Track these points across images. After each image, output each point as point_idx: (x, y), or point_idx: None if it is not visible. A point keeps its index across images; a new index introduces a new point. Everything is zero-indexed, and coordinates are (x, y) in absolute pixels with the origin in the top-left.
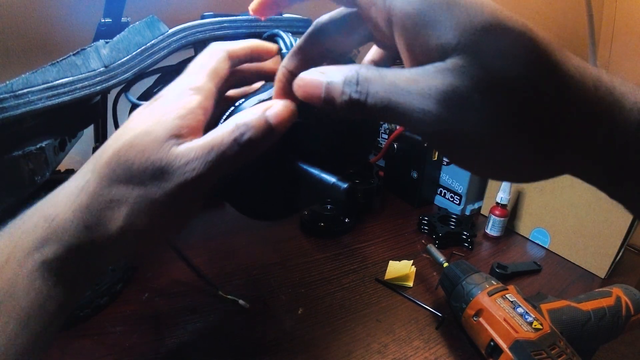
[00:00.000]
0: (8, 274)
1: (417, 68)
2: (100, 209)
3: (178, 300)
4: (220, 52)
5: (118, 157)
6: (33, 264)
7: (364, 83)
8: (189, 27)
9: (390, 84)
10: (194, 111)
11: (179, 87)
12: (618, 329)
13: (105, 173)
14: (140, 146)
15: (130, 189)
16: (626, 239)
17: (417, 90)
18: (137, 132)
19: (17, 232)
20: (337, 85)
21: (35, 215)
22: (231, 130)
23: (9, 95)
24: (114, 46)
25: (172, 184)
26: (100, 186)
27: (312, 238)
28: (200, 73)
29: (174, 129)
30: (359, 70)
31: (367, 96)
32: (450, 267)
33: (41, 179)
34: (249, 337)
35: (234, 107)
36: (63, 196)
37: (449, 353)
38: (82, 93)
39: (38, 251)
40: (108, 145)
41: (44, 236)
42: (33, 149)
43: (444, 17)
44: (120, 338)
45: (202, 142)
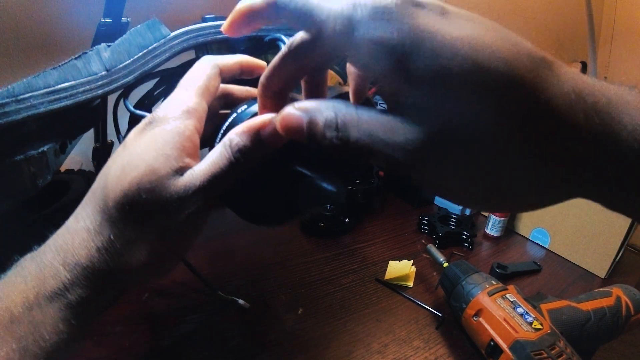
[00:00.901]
0: (31, 320)
1: (393, 117)
2: (120, 251)
3: (178, 301)
4: (211, 68)
5: (128, 200)
6: (56, 308)
7: (343, 129)
8: (190, 31)
9: (370, 134)
10: (190, 138)
11: (173, 110)
12: (618, 329)
13: (117, 217)
14: (148, 186)
15: (148, 228)
16: (626, 239)
17: (396, 143)
18: (143, 170)
19: (36, 275)
20: (318, 126)
21: (55, 260)
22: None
23: (11, 99)
24: (116, 49)
25: (183, 214)
26: (117, 229)
27: (312, 238)
28: (191, 90)
29: (177, 161)
30: (337, 113)
31: (349, 142)
32: (450, 267)
33: (42, 182)
34: (249, 337)
35: (235, 113)
36: (79, 241)
37: (449, 353)
38: (83, 97)
39: (62, 296)
40: (113, 184)
41: (67, 283)
42: (35, 153)
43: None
44: (120, 338)
45: (203, 169)
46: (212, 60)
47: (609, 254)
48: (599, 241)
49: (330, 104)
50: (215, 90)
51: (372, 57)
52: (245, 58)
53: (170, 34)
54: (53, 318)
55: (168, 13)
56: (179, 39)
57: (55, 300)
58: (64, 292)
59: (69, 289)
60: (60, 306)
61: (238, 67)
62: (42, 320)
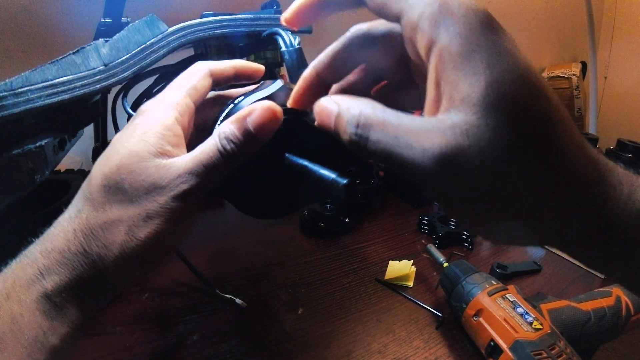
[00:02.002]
0: (9, 311)
1: (425, 120)
2: (97, 232)
3: (178, 300)
4: (201, 70)
5: (108, 180)
6: (33, 297)
7: (365, 127)
8: (188, 26)
9: (393, 136)
10: (171, 127)
11: (157, 104)
12: (618, 329)
13: (96, 197)
14: (128, 167)
15: (125, 208)
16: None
17: (419, 148)
18: (123, 153)
19: (17, 268)
20: (343, 120)
21: (34, 250)
22: (214, 142)
23: (9, 93)
24: (114, 45)
25: (165, 197)
26: (94, 210)
27: (312, 238)
28: (178, 89)
29: (157, 146)
30: (363, 110)
31: (368, 141)
32: (450, 267)
33: (40, 178)
34: (249, 337)
35: (232, 104)
36: (59, 228)
37: (449, 353)
38: (81, 91)
39: (38, 284)
40: (96, 170)
41: (42, 268)
42: (33, 148)
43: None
44: (120, 338)
45: (192, 156)
46: (203, 64)
47: None
48: None
49: (360, 102)
50: (204, 89)
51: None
52: (240, 62)
53: (168, 29)
54: (30, 309)
55: (168, 12)
56: (176, 34)
57: (32, 288)
58: (39, 279)
59: (45, 276)
60: (37, 295)
61: (232, 71)
62: (19, 312)
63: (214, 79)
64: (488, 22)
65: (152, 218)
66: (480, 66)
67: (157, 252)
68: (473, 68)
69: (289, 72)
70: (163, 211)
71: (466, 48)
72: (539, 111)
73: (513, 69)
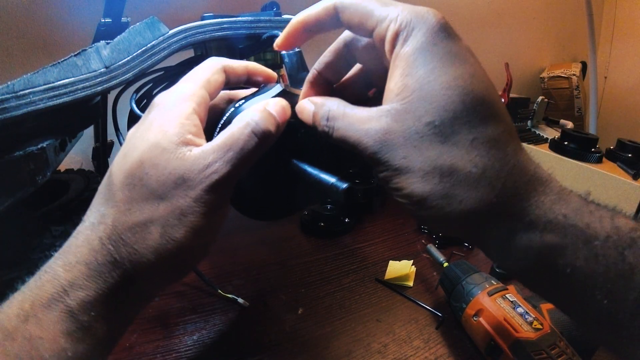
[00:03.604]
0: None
1: (372, 110)
2: (126, 236)
3: (178, 300)
4: (215, 64)
5: (132, 178)
6: (55, 318)
7: (331, 120)
8: (189, 28)
9: (348, 124)
10: (190, 117)
11: (172, 96)
12: None
13: (120, 198)
14: (151, 160)
15: (156, 205)
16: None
17: (365, 129)
18: (144, 147)
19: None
20: (318, 116)
21: (54, 265)
22: (244, 126)
23: (11, 95)
24: (115, 47)
25: (197, 190)
26: (120, 212)
27: (312, 238)
28: (192, 81)
29: (179, 135)
30: (331, 107)
31: (333, 130)
32: (450, 267)
33: (42, 179)
34: (249, 336)
35: (233, 107)
36: (81, 238)
37: (449, 353)
38: (83, 93)
39: (61, 302)
40: (116, 169)
41: (65, 284)
42: (34, 149)
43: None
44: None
45: (219, 143)
46: (217, 59)
47: None
48: None
49: (329, 100)
50: (218, 84)
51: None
52: (253, 64)
53: (169, 31)
54: (52, 331)
55: (168, 13)
56: (177, 36)
57: (53, 307)
58: (62, 297)
59: (68, 292)
60: (60, 315)
61: (244, 71)
62: (39, 335)
63: (227, 75)
64: (441, 34)
65: (186, 215)
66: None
67: (196, 251)
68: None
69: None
70: (197, 206)
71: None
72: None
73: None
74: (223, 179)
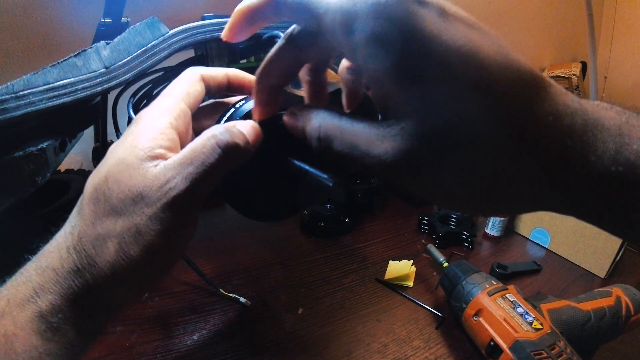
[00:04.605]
0: (2, 330)
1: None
2: (88, 248)
3: (178, 300)
4: (192, 76)
5: (97, 192)
6: (28, 317)
7: (325, 139)
8: (189, 29)
9: (351, 145)
10: (164, 131)
11: (150, 112)
12: (618, 329)
13: (87, 212)
14: (115, 176)
15: (114, 221)
16: (625, 240)
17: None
18: (112, 163)
19: (12, 286)
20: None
21: (29, 268)
22: (207, 138)
23: (10, 96)
24: (115, 47)
25: (154, 207)
26: (84, 225)
27: (312, 238)
28: (171, 96)
29: (147, 149)
30: (322, 122)
31: (332, 150)
32: (450, 267)
33: (42, 180)
34: (249, 336)
35: (234, 108)
36: (54, 245)
37: (449, 353)
38: (83, 94)
39: (33, 303)
40: (88, 183)
41: (37, 287)
42: (34, 150)
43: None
44: (120, 338)
45: (179, 157)
46: (195, 70)
47: (609, 254)
48: (599, 241)
49: (318, 113)
50: (198, 95)
51: (369, 55)
52: (234, 71)
53: (169, 31)
54: (25, 329)
55: (168, 13)
56: (177, 36)
57: (26, 307)
58: (34, 298)
59: (39, 295)
60: (32, 315)
61: (225, 78)
62: (13, 332)
63: (206, 84)
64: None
65: (141, 233)
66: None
67: (152, 272)
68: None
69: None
70: (152, 224)
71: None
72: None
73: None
74: (182, 195)
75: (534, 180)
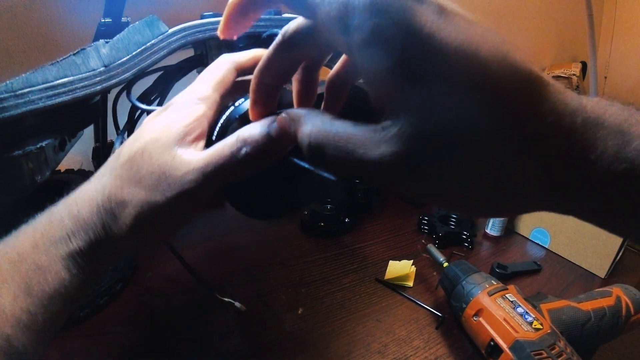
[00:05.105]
0: (37, 260)
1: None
2: (113, 208)
3: (178, 301)
4: (227, 64)
5: (131, 161)
6: (60, 254)
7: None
8: (188, 27)
9: (346, 150)
10: (198, 119)
11: (187, 96)
12: (618, 329)
13: (118, 175)
14: (149, 151)
15: (137, 191)
16: (626, 239)
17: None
18: (148, 138)
19: (46, 225)
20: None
21: (63, 211)
22: (231, 144)
23: (9, 94)
24: (114, 46)
25: (173, 191)
26: (115, 187)
27: (312, 238)
28: (207, 82)
29: (180, 135)
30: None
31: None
32: (450, 267)
33: (41, 179)
34: (249, 336)
35: (233, 106)
36: (85, 195)
37: (449, 353)
38: (82, 92)
39: (64, 244)
40: (124, 149)
41: (69, 231)
42: (33, 149)
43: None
44: (120, 338)
45: (203, 155)
46: (230, 57)
47: (609, 254)
48: (599, 241)
49: (310, 117)
50: (230, 83)
51: (365, 53)
52: (259, 52)
53: (168, 30)
54: (56, 263)
55: (167, 12)
56: (176, 35)
57: (59, 246)
58: (67, 240)
59: (71, 239)
60: (63, 253)
61: (252, 62)
62: (46, 264)
63: (237, 71)
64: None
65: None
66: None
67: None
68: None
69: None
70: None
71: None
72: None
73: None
74: (197, 188)
75: (534, 180)
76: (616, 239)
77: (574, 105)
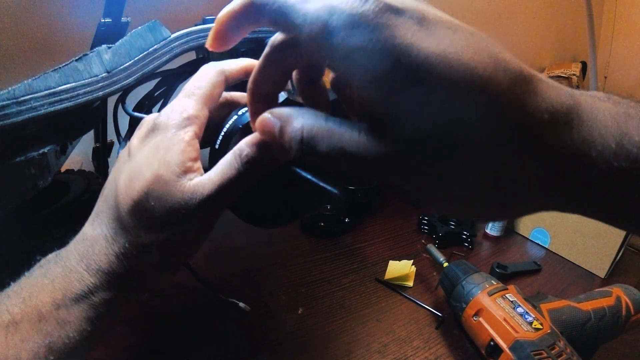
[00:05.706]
0: (58, 319)
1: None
2: (134, 255)
3: (178, 301)
4: (214, 75)
5: (138, 207)
6: (81, 309)
7: (310, 140)
8: (191, 32)
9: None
10: (191, 142)
11: (174, 117)
12: (618, 329)
13: (131, 224)
14: (156, 193)
15: (158, 234)
16: (626, 239)
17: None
18: (149, 179)
19: (61, 277)
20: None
21: (78, 267)
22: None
23: (11, 101)
24: (116, 51)
25: (193, 224)
26: (131, 236)
27: (312, 238)
28: (194, 97)
29: (180, 165)
30: (305, 124)
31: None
32: (450, 267)
33: (43, 184)
34: (249, 336)
35: (236, 115)
36: (98, 249)
37: (449, 353)
38: (84, 98)
39: (87, 299)
40: (124, 194)
41: (91, 287)
42: (35, 155)
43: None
44: (120, 338)
45: (212, 178)
46: (218, 67)
47: (609, 254)
48: (599, 241)
49: (301, 113)
50: (218, 97)
51: (348, 67)
52: (250, 63)
53: (171, 35)
54: (78, 318)
55: (168, 14)
56: (179, 40)
57: (81, 302)
58: (88, 295)
59: (94, 292)
60: (85, 307)
61: (243, 73)
62: (67, 320)
63: (226, 81)
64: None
65: (179, 239)
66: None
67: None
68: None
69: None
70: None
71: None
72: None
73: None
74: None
75: (533, 180)
76: (616, 239)
77: (568, 103)
